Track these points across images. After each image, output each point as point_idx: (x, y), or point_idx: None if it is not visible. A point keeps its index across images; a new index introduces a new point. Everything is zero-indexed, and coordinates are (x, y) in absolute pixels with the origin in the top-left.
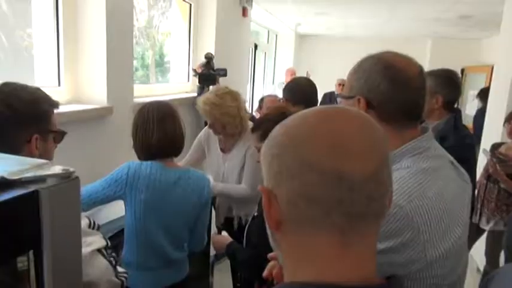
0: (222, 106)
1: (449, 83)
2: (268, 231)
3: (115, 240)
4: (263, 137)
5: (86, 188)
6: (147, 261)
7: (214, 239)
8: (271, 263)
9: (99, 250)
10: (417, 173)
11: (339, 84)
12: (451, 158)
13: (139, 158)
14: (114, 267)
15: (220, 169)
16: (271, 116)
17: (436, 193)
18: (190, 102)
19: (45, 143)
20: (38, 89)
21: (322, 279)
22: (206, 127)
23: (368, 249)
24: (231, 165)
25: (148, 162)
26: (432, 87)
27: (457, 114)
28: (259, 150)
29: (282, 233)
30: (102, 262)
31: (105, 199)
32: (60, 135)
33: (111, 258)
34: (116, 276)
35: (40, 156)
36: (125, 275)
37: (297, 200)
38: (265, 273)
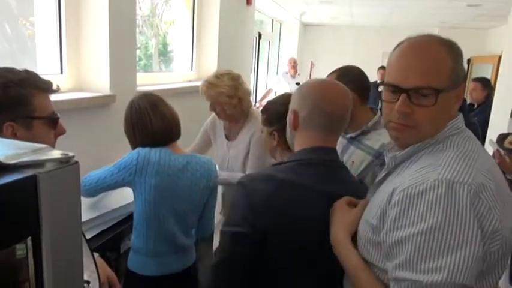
0: (218, 85)
1: None
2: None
3: (123, 226)
4: (267, 121)
5: (94, 174)
6: (156, 247)
7: None
8: None
9: None
10: (466, 152)
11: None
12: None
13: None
14: None
15: (225, 156)
16: (279, 100)
17: (489, 171)
18: (194, 91)
19: (29, 131)
20: (26, 71)
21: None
22: (212, 115)
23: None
24: (235, 152)
25: (157, 148)
26: None
27: (463, 103)
28: (262, 131)
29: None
30: None
31: (113, 185)
32: (50, 121)
33: None
34: None
35: None
36: (85, 285)
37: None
38: None
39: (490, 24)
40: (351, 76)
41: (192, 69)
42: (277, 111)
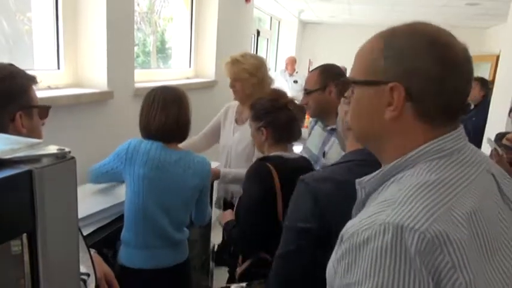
0: (242, 62)
1: None
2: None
3: (119, 223)
4: (255, 117)
5: (100, 162)
6: (144, 239)
7: (223, 213)
8: None
9: None
10: (437, 183)
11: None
12: (493, 170)
13: (143, 138)
14: None
15: (229, 140)
16: (266, 96)
17: (466, 214)
18: (192, 88)
19: (31, 120)
20: (11, 64)
21: None
22: (226, 105)
23: None
24: (240, 136)
25: (150, 141)
26: None
27: None
28: (250, 126)
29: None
30: None
31: (110, 171)
32: (44, 110)
33: None
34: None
35: (28, 134)
36: (85, 277)
37: None
38: None
39: (489, 23)
40: (331, 72)
41: (190, 66)
42: (264, 107)
